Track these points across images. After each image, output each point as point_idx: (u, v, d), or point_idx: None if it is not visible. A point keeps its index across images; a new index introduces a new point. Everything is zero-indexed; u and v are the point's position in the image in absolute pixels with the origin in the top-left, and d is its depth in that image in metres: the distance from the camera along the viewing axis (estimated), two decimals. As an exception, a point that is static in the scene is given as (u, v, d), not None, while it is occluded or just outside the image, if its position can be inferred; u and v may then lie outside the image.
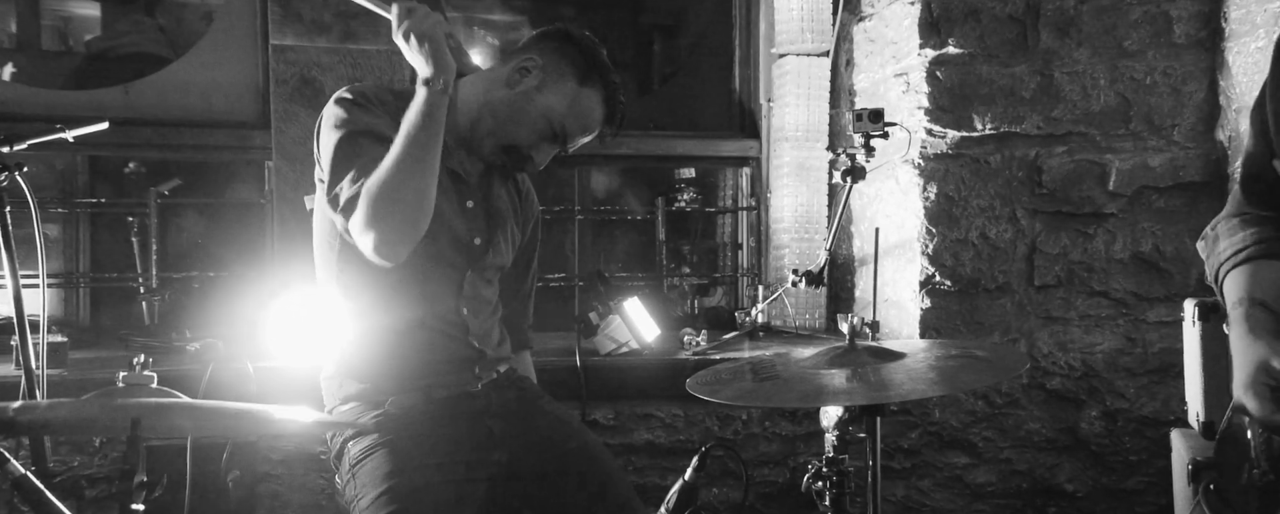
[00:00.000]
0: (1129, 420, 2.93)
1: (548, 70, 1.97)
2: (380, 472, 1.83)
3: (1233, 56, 2.82)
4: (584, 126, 2.01)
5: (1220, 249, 1.43)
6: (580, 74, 1.98)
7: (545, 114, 1.96)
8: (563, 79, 1.97)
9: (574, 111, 1.98)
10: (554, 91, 1.97)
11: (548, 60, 1.98)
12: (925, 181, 2.89)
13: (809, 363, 1.79)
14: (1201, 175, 2.91)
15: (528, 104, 1.96)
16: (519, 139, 1.97)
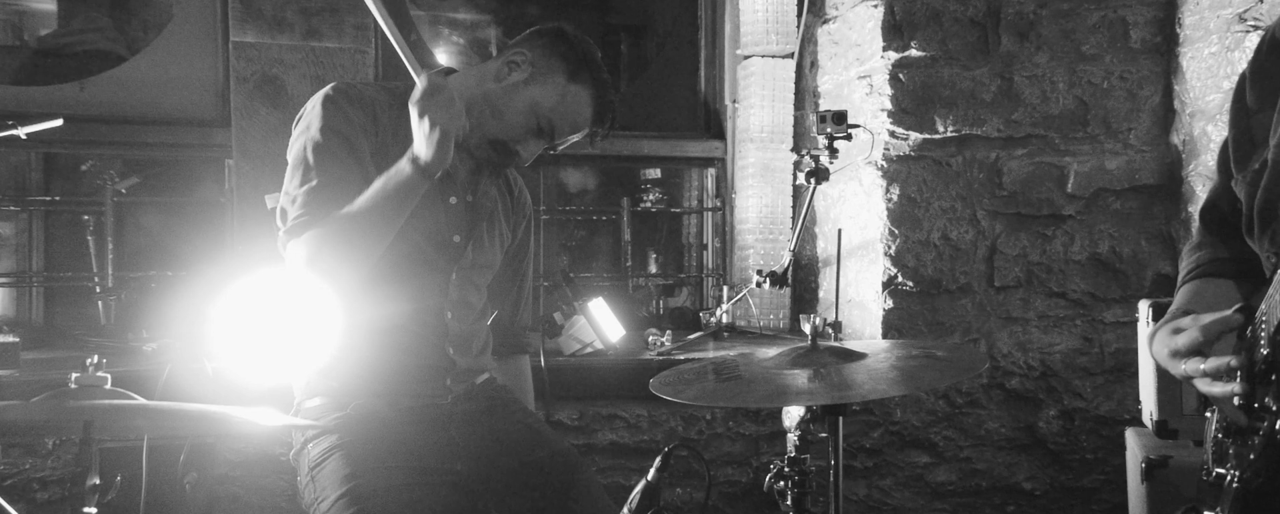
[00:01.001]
0: (1086, 419, 2.97)
1: (537, 65, 1.95)
2: (340, 474, 1.81)
3: (1186, 61, 2.87)
4: (572, 123, 1.98)
5: (1181, 267, 1.50)
6: (570, 70, 1.96)
7: (532, 108, 1.94)
8: (552, 74, 1.95)
9: (561, 107, 1.96)
10: (542, 86, 1.95)
11: (538, 55, 1.96)
12: (888, 183, 2.91)
13: (771, 363, 1.80)
14: (1156, 178, 2.96)
15: (515, 97, 1.93)
16: (505, 133, 1.95)
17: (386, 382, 1.92)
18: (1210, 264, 1.44)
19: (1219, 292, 1.40)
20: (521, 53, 1.96)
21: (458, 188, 1.99)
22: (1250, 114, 1.38)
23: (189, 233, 3.15)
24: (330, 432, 1.88)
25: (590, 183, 4.04)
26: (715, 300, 3.34)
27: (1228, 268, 1.42)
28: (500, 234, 2.09)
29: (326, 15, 2.72)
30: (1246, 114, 1.39)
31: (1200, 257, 1.46)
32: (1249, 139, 1.37)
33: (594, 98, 1.98)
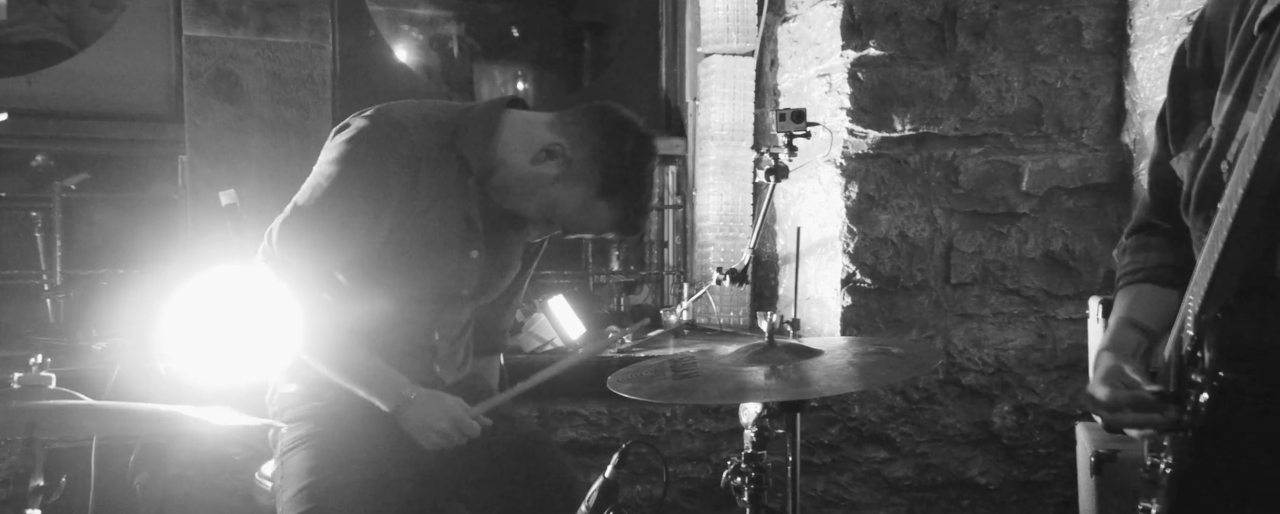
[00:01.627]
0: (1039, 414, 3.02)
1: (574, 165, 1.81)
2: (304, 466, 1.80)
3: (1138, 62, 2.92)
4: (586, 229, 1.92)
5: (1124, 262, 1.51)
6: (605, 186, 1.82)
7: (551, 206, 1.85)
8: (584, 182, 1.82)
9: (580, 217, 1.86)
10: (569, 190, 1.83)
11: (578, 155, 1.81)
12: (847, 181, 2.94)
13: (728, 360, 1.81)
14: (1108, 177, 3.01)
15: (538, 189, 1.83)
16: (520, 210, 1.89)
17: None
18: (1155, 270, 1.45)
19: (1160, 300, 1.42)
20: (562, 145, 1.81)
21: (480, 240, 1.89)
22: (1191, 90, 1.39)
23: (141, 230, 3.10)
24: (305, 419, 1.87)
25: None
26: (676, 298, 3.35)
27: (1169, 276, 1.43)
28: (510, 272, 2.04)
29: (282, 10, 2.68)
30: (1187, 89, 1.40)
31: (1150, 259, 1.47)
32: (1187, 113, 1.39)
33: (618, 218, 1.87)
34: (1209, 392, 1.15)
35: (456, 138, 1.82)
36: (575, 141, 1.82)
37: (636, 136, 1.85)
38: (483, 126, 1.84)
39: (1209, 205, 1.29)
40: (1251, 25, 1.28)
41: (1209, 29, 1.37)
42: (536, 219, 1.90)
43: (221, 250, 2.00)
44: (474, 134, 1.82)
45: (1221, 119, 1.29)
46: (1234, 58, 1.30)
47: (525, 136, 1.84)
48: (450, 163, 1.81)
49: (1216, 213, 1.14)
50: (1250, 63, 1.27)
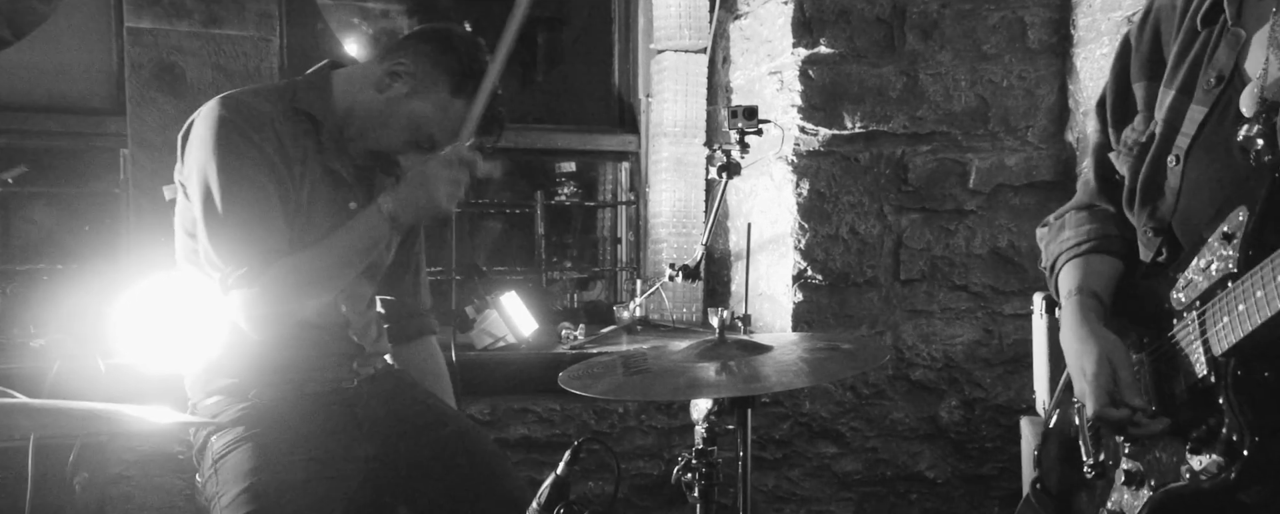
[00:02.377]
0: (985, 409, 3.07)
1: (420, 78, 1.89)
2: (243, 468, 1.77)
3: (1080, 62, 2.98)
4: (454, 136, 1.92)
5: (1064, 237, 1.47)
6: (454, 84, 1.90)
7: (414, 122, 1.89)
8: (435, 88, 1.89)
9: (444, 122, 1.91)
10: (424, 100, 1.89)
11: (421, 67, 1.89)
12: (798, 178, 2.96)
13: (680, 357, 1.81)
14: (1052, 175, 3.06)
15: (396, 111, 1.88)
16: (386, 145, 1.92)
17: (291, 371, 1.89)
18: (1103, 240, 1.43)
19: (1108, 269, 1.40)
20: (403, 63, 1.89)
21: (352, 191, 1.94)
22: (1132, 81, 1.39)
23: (81, 225, 3.04)
24: (236, 423, 1.84)
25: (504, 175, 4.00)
26: (629, 294, 3.35)
27: (1115, 245, 1.41)
28: None
29: (228, 2, 2.63)
30: (1128, 80, 1.40)
31: (1094, 230, 1.44)
32: (1127, 103, 1.39)
33: (481, 114, 1.92)
34: (1251, 449, 1.11)
35: (295, 101, 1.87)
36: (411, 57, 1.90)
37: (461, 35, 1.96)
38: (316, 85, 1.91)
39: (1154, 198, 1.30)
40: (1195, 18, 1.29)
41: (1158, 18, 1.37)
42: (406, 144, 1.93)
43: (165, 245, 1.96)
44: (310, 93, 1.89)
45: (1165, 113, 1.29)
46: (1178, 50, 1.31)
47: (361, 79, 1.92)
48: (300, 124, 1.86)
49: (1262, 269, 1.09)
50: (1193, 57, 1.27)
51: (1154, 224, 1.31)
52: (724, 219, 3.30)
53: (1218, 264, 1.16)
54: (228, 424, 1.84)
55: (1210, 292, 1.17)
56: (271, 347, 1.87)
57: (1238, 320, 1.11)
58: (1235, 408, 1.13)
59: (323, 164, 1.88)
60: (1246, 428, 1.12)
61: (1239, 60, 1.22)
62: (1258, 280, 1.09)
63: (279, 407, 1.85)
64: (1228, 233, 1.15)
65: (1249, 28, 1.22)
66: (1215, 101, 1.23)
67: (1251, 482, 1.13)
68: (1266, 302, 1.07)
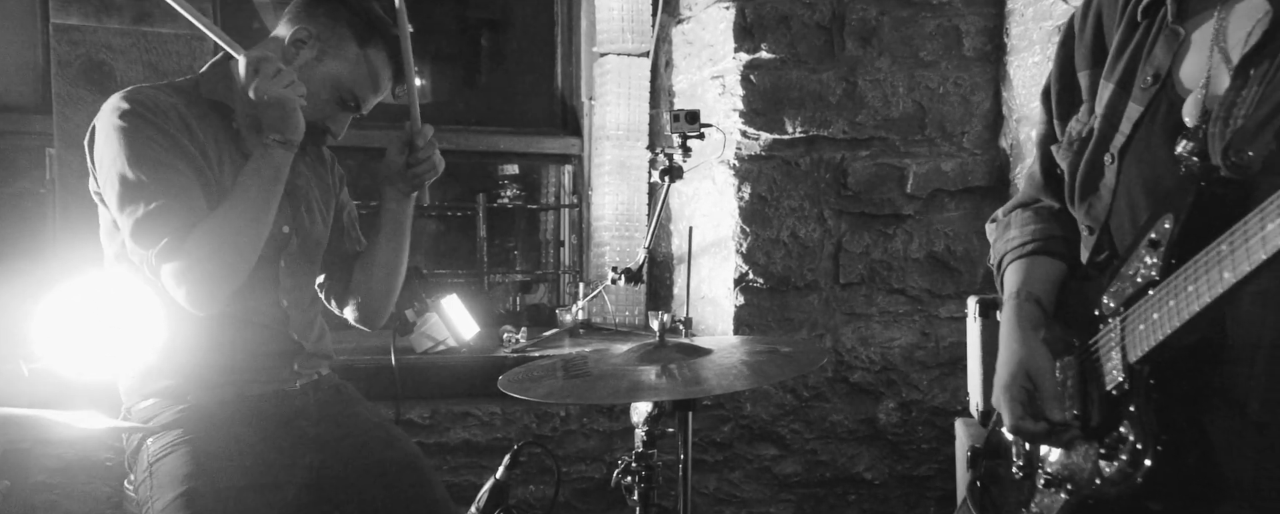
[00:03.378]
0: (922, 411, 3.12)
1: (324, 39, 1.88)
2: (179, 472, 1.74)
3: (1014, 70, 3.05)
4: (375, 88, 1.94)
5: (1010, 236, 1.47)
6: (360, 35, 1.89)
7: (332, 84, 1.88)
8: (342, 44, 1.88)
9: (360, 76, 1.90)
10: (336, 59, 1.88)
11: (322, 28, 1.88)
12: (740, 182, 2.98)
13: (620, 360, 1.82)
14: (987, 180, 3.12)
15: (311, 77, 1.86)
16: (311, 115, 1.88)
17: (230, 373, 1.86)
18: (1047, 241, 1.43)
19: (1051, 271, 1.40)
20: (305, 29, 1.88)
21: None
22: (1077, 70, 1.38)
23: (5, 225, 2.94)
24: (172, 426, 1.80)
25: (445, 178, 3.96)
26: (572, 297, 3.34)
27: (1058, 247, 1.42)
28: (319, 212, 2.02)
29: (159, -2, 2.57)
30: (1073, 69, 1.39)
31: (1039, 231, 1.44)
32: (1072, 91, 1.39)
33: (391, 56, 1.93)
34: (1153, 458, 1.11)
35: (199, 90, 1.86)
36: (310, 21, 1.89)
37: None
38: (219, 72, 1.90)
39: (1090, 195, 1.29)
40: (1135, 10, 1.27)
41: (1101, 7, 1.36)
42: (326, 109, 1.91)
43: (92, 246, 1.91)
44: (214, 82, 1.88)
45: (1103, 109, 1.28)
46: (1119, 41, 1.29)
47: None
48: (207, 113, 1.84)
49: (1178, 277, 1.08)
50: (1133, 50, 1.26)
51: (1090, 222, 1.32)
52: (666, 222, 3.31)
53: (1142, 271, 1.16)
54: (163, 427, 1.80)
55: (1133, 298, 1.17)
56: (209, 348, 1.83)
57: (1152, 328, 1.12)
58: (1142, 416, 1.14)
59: (240, 150, 1.85)
60: (1151, 437, 1.12)
61: (1176, 60, 1.21)
62: (1172, 289, 1.09)
63: (218, 410, 1.82)
64: (1154, 240, 1.15)
65: (1188, 26, 1.21)
66: (1150, 101, 1.22)
67: (1157, 492, 1.13)
68: (1176, 311, 1.07)
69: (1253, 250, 0.96)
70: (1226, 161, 1.07)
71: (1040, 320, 1.36)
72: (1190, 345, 1.12)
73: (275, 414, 1.88)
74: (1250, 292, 1.07)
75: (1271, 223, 0.93)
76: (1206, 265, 1.03)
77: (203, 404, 1.82)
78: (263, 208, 1.76)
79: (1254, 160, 1.05)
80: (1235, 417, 1.13)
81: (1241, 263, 0.97)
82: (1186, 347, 1.11)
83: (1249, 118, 1.09)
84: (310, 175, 2.02)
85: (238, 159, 1.85)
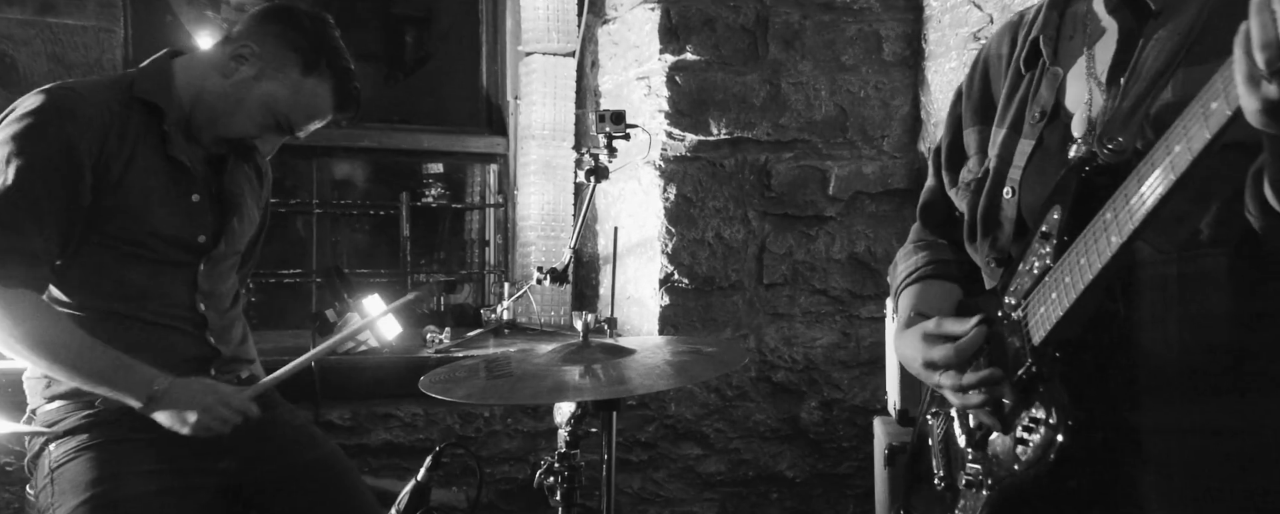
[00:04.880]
0: (843, 410, 3.17)
1: (267, 59, 1.84)
2: (83, 479, 1.68)
3: (931, 75, 3.12)
4: (309, 116, 1.90)
5: (899, 271, 1.55)
6: (305, 63, 1.86)
7: (266, 105, 1.85)
8: (284, 68, 1.85)
9: (298, 102, 1.87)
10: (275, 81, 1.84)
11: (267, 48, 1.84)
12: (665, 183, 2.99)
13: (544, 360, 1.81)
14: (906, 183, 3.19)
15: (246, 95, 1.83)
16: (240, 130, 1.86)
17: None
18: (935, 265, 1.49)
19: (944, 293, 1.46)
20: (248, 45, 1.84)
21: (198, 183, 1.87)
22: (963, 128, 1.48)
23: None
24: (78, 431, 1.74)
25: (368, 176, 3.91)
26: (497, 297, 3.32)
27: (952, 270, 1.48)
28: (249, 220, 1.99)
29: (67, -12, 2.49)
30: (960, 127, 1.49)
31: (921, 259, 1.52)
32: (959, 148, 1.48)
33: (334, 89, 1.89)
34: (1066, 434, 1.14)
35: (134, 89, 1.81)
36: (256, 39, 1.85)
37: (308, 13, 1.91)
38: (156, 73, 1.85)
39: (993, 230, 1.36)
40: (1019, 63, 1.38)
41: (986, 65, 1.46)
42: (261, 127, 1.87)
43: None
44: (149, 82, 1.83)
45: (998, 149, 1.36)
46: (1007, 92, 1.39)
47: (206, 65, 1.87)
48: (136, 113, 1.79)
49: (1069, 253, 1.14)
50: (1021, 97, 1.36)
51: (996, 255, 1.37)
52: (592, 222, 3.31)
53: (1038, 262, 1.21)
54: (68, 432, 1.74)
55: (1031, 288, 1.22)
56: (121, 350, 1.77)
57: (1051, 308, 1.16)
58: (1053, 395, 1.17)
59: (164, 154, 1.81)
60: (1063, 411, 1.15)
61: (1059, 95, 1.30)
62: (1066, 267, 1.14)
63: (128, 415, 1.75)
64: (1046, 232, 1.21)
65: (1064, 66, 1.31)
66: (1041, 135, 1.31)
67: (1073, 468, 1.16)
68: (1072, 286, 1.12)
69: (1134, 209, 1.01)
70: (1103, 149, 1.14)
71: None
72: (1091, 325, 1.16)
73: None
74: (1147, 275, 1.14)
75: (1146, 180, 0.99)
76: (1094, 236, 1.08)
77: (113, 408, 1.76)
78: (74, 369, 1.71)
79: (1125, 145, 1.12)
80: (1144, 390, 1.17)
81: (1125, 223, 1.02)
82: (1089, 323, 1.15)
83: (1117, 110, 1.19)
84: (246, 186, 1.99)
85: (157, 163, 1.80)
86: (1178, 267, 1.14)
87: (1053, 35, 1.33)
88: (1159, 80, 1.16)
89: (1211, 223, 1.12)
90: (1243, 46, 0.83)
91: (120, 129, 1.76)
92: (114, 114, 1.75)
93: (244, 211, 1.96)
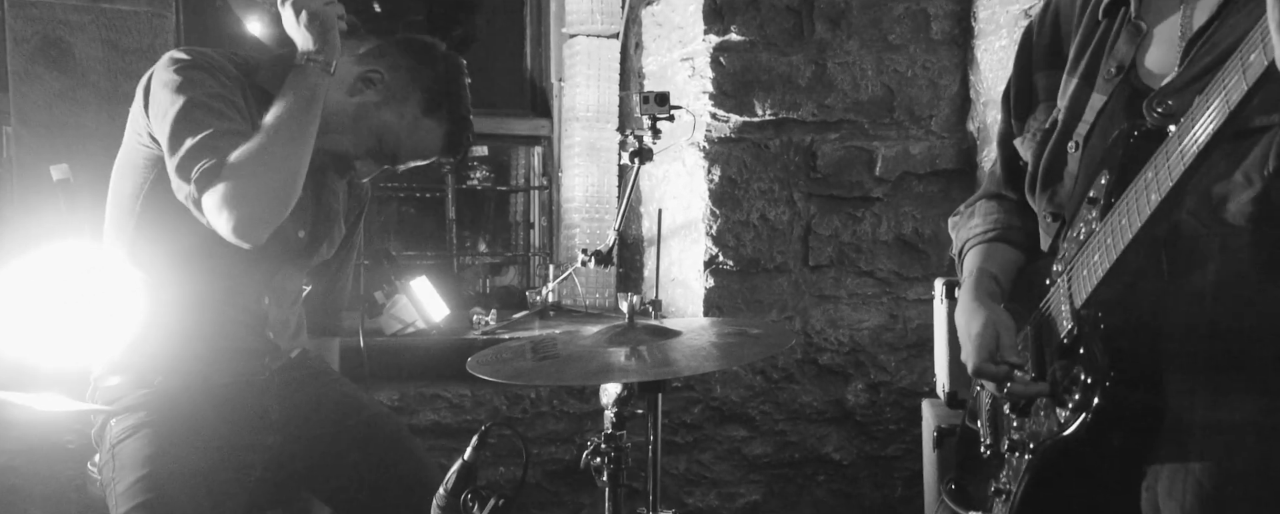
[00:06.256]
0: (890, 392, 3.14)
1: (393, 89, 1.84)
2: (141, 454, 1.72)
3: (981, 53, 3.06)
4: (417, 153, 1.90)
5: (973, 224, 1.53)
6: (427, 103, 1.86)
7: (379, 133, 1.85)
8: (406, 103, 1.85)
9: (411, 139, 1.87)
10: (394, 113, 1.85)
11: (396, 79, 1.85)
12: (710, 164, 2.98)
13: (589, 342, 1.81)
14: (955, 163, 3.15)
15: (363, 118, 1.84)
16: (345, 149, 1.86)
17: (198, 361, 1.83)
18: (1006, 230, 1.48)
19: (1010, 259, 1.46)
20: (378, 71, 1.85)
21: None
22: (1034, 70, 1.44)
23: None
24: (136, 408, 1.78)
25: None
26: (542, 279, 3.33)
27: (1018, 236, 1.47)
28: (339, 230, 2.01)
29: (121, -26, 2.52)
30: (1031, 69, 1.45)
31: (1000, 220, 1.50)
32: (1030, 92, 1.45)
33: (447, 134, 1.90)
34: (1102, 394, 1.15)
35: (255, 76, 1.81)
36: (389, 67, 1.85)
37: (445, 55, 1.91)
38: (281, 67, 1.82)
39: (1053, 183, 1.35)
40: (1097, 10, 1.33)
41: (1058, 10, 1.41)
42: (364, 152, 1.88)
43: (49, 227, 1.88)
44: (272, 74, 1.81)
45: (1067, 101, 1.33)
46: (1080, 40, 1.35)
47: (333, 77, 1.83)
48: (254, 101, 1.78)
49: (1112, 215, 1.14)
50: (1095, 47, 1.32)
51: (1053, 209, 1.36)
52: (637, 205, 3.31)
53: (1084, 228, 1.22)
54: (126, 409, 1.78)
55: (1076, 253, 1.22)
56: (184, 335, 1.80)
57: (1093, 271, 1.17)
58: (1093, 356, 1.18)
59: None
60: (1100, 371, 1.16)
61: (1138, 53, 1.26)
62: (1108, 230, 1.14)
63: (182, 395, 1.79)
64: (1093, 197, 1.21)
65: (1150, 21, 1.26)
66: (1114, 91, 1.27)
67: (1111, 425, 1.17)
68: (1113, 247, 1.13)
69: (1173, 167, 1.01)
70: (1151, 114, 1.14)
71: (998, 295, 1.41)
72: (1133, 288, 1.17)
73: (240, 400, 1.86)
74: (1190, 247, 1.15)
75: (1186, 137, 0.99)
76: (1136, 195, 1.09)
77: (168, 388, 1.80)
78: (300, 130, 1.67)
79: (1174, 108, 1.11)
80: (1183, 353, 1.17)
81: (1165, 182, 1.03)
82: (1130, 289, 1.17)
83: (1179, 78, 1.17)
84: (345, 199, 2.01)
85: None
86: (1220, 241, 1.14)
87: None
88: (1231, 52, 1.12)
89: (1258, 199, 1.11)
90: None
91: (243, 102, 1.76)
92: (239, 85, 1.76)
93: (336, 224, 1.99)
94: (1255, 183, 1.11)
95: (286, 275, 1.91)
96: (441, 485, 1.86)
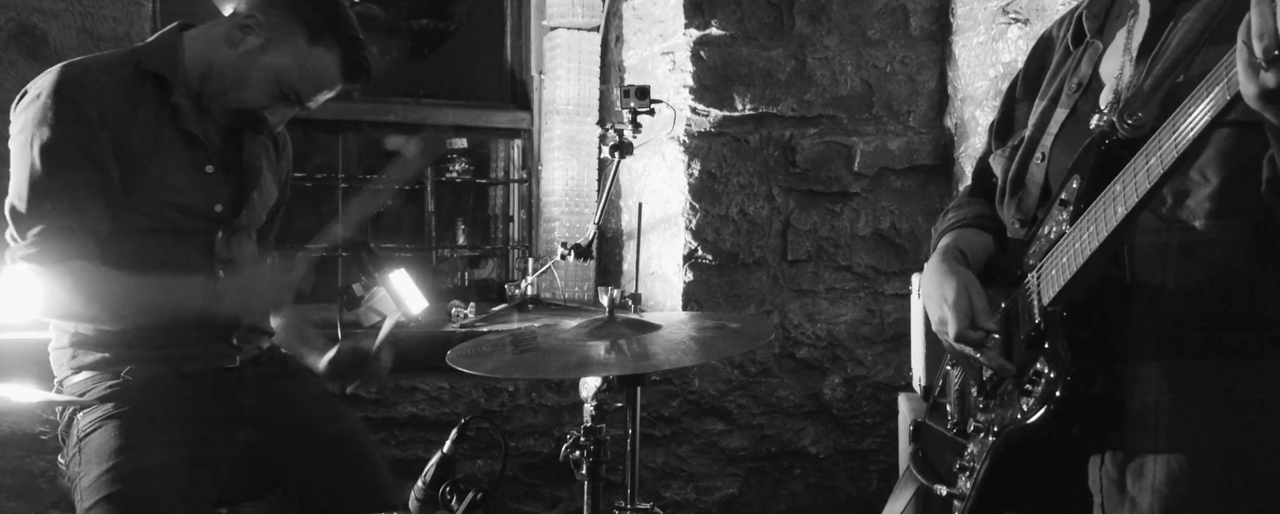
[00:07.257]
0: (866, 386, 3.17)
1: (273, 29, 1.83)
2: (107, 447, 1.71)
3: (959, 49, 3.09)
4: (318, 86, 1.89)
5: (947, 218, 1.61)
6: (311, 32, 1.84)
7: (273, 76, 1.84)
8: (290, 38, 1.84)
9: (305, 73, 1.86)
10: (281, 52, 1.83)
11: (273, 18, 1.83)
12: (690, 158, 2.98)
13: (569, 335, 1.81)
14: (932, 159, 3.17)
15: (252, 65, 1.83)
16: (249, 102, 1.86)
17: (164, 347, 1.82)
18: (978, 218, 1.56)
19: (982, 243, 1.52)
20: (254, 15, 1.83)
21: (212, 155, 1.87)
22: (1016, 101, 1.54)
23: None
24: (103, 401, 1.76)
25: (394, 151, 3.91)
26: (521, 272, 3.33)
27: (990, 224, 1.55)
28: (267, 193, 2.00)
29: (97, -37, 2.50)
30: (1013, 101, 1.55)
31: (968, 212, 1.58)
32: (1010, 120, 1.54)
33: (341, 59, 1.88)
34: (1063, 388, 1.22)
35: (141, 64, 1.81)
36: (262, 9, 1.84)
37: None
38: (163, 46, 1.85)
39: (1020, 191, 1.43)
40: (1067, 40, 1.44)
41: (1045, 46, 1.52)
42: (268, 99, 1.87)
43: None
44: (157, 56, 1.83)
45: (1035, 119, 1.43)
46: (1053, 69, 1.46)
47: (213, 36, 1.86)
48: (147, 86, 1.80)
49: (1082, 220, 1.21)
50: (1064, 72, 1.42)
51: (1020, 216, 1.44)
52: (616, 198, 3.31)
53: (1055, 228, 1.29)
54: (94, 402, 1.77)
55: (1047, 252, 1.30)
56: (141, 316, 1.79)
57: (1061, 271, 1.25)
58: (1056, 351, 1.25)
59: (176, 127, 1.82)
60: (1063, 367, 1.23)
61: (1096, 68, 1.36)
62: (1077, 233, 1.22)
63: (152, 385, 1.78)
64: (1064, 199, 1.28)
65: (1105, 41, 1.37)
66: (1076, 104, 1.37)
67: (1072, 418, 1.24)
68: (1080, 251, 1.20)
69: (1140, 183, 1.10)
70: (1123, 123, 1.21)
71: (966, 266, 1.48)
72: (1097, 287, 1.24)
73: (213, 390, 1.85)
74: (1150, 242, 1.23)
75: (1154, 155, 1.07)
76: (1104, 205, 1.17)
77: (136, 379, 1.79)
78: (148, 310, 1.76)
79: (1144, 120, 1.19)
80: (1146, 345, 1.25)
81: (1130, 197, 1.11)
82: (1094, 288, 1.24)
83: (1141, 86, 1.25)
84: (263, 158, 2.00)
85: (172, 135, 1.82)
86: (1179, 235, 1.22)
87: (1100, 13, 1.38)
88: (1183, 59, 1.22)
89: (1214, 196, 1.19)
90: (1244, 36, 0.89)
91: (133, 101, 1.77)
92: (124, 85, 1.76)
93: (262, 182, 1.97)
94: (1212, 180, 1.19)
95: (229, 244, 1.91)
96: (420, 479, 1.86)
